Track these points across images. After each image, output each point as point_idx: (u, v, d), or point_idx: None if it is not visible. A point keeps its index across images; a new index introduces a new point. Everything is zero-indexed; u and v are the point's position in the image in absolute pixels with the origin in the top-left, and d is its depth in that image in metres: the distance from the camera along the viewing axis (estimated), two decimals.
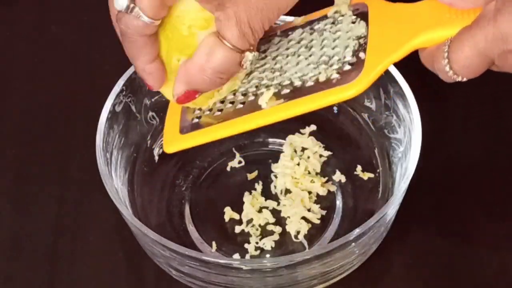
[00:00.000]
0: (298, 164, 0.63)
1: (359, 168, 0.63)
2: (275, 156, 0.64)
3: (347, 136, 0.64)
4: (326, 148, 0.64)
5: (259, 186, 0.62)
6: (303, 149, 0.64)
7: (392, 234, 0.58)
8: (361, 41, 0.50)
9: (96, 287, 0.59)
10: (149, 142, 0.63)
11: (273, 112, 0.50)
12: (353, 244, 0.52)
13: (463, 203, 0.62)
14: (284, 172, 0.62)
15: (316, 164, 0.63)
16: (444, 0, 0.47)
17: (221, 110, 0.52)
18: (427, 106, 0.57)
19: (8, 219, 0.62)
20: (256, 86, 0.52)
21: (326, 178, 0.63)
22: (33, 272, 0.59)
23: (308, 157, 0.63)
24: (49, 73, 0.72)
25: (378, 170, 0.62)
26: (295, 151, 0.64)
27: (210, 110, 0.53)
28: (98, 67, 0.72)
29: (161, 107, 0.61)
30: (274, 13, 0.47)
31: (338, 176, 0.63)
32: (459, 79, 0.47)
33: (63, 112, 0.69)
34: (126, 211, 0.53)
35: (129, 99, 0.60)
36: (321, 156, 0.64)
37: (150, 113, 0.62)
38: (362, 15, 0.51)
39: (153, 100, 0.62)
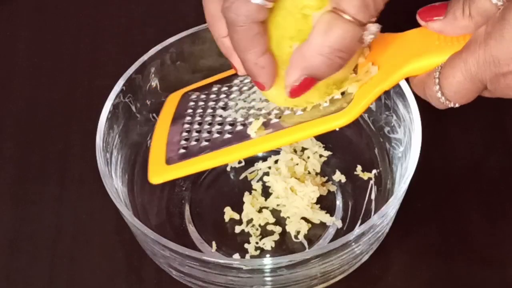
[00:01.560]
0: (298, 164, 0.63)
1: (359, 168, 0.63)
2: (275, 156, 0.64)
3: (347, 136, 0.64)
4: (326, 148, 0.64)
5: (259, 186, 0.62)
6: (303, 149, 0.64)
7: (392, 234, 0.58)
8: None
9: (96, 287, 0.59)
10: (149, 142, 0.62)
11: (262, 141, 0.50)
12: (353, 244, 0.52)
13: (463, 203, 0.62)
14: (284, 172, 0.62)
15: (316, 164, 0.63)
16: (434, 26, 0.47)
17: (208, 140, 0.52)
18: (427, 106, 0.57)
19: (8, 219, 0.62)
20: (244, 116, 0.52)
21: (326, 178, 0.63)
22: (33, 272, 0.59)
23: (308, 157, 0.63)
24: (49, 73, 0.72)
25: (378, 170, 0.62)
26: (295, 151, 0.64)
27: (197, 140, 0.53)
28: (98, 67, 0.72)
29: (161, 107, 0.61)
30: None
31: (338, 176, 0.63)
32: (451, 105, 0.47)
33: (63, 112, 0.69)
34: (126, 211, 0.53)
35: (129, 99, 0.60)
36: (321, 156, 0.64)
37: (150, 113, 0.62)
38: None
39: (153, 100, 0.62)
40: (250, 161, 0.64)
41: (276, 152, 0.64)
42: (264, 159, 0.64)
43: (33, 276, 0.59)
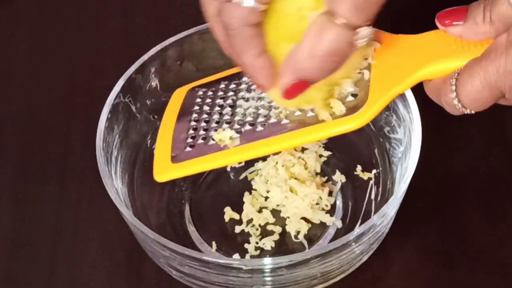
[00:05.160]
0: (298, 165, 0.63)
1: (359, 168, 0.63)
2: (275, 156, 0.64)
3: (347, 136, 0.64)
4: (326, 148, 0.64)
5: (259, 186, 0.62)
6: (303, 149, 0.64)
7: (392, 234, 0.58)
8: (364, 71, 0.49)
9: (96, 287, 0.59)
10: (149, 142, 0.62)
11: (271, 143, 0.49)
12: (353, 244, 0.52)
13: (463, 203, 0.62)
14: (284, 172, 0.62)
15: (316, 164, 0.63)
16: (453, 31, 0.46)
17: (214, 140, 0.52)
18: (427, 106, 0.57)
19: (8, 219, 0.62)
20: (253, 115, 0.52)
21: (326, 178, 0.63)
22: (33, 272, 0.59)
23: (308, 157, 0.63)
24: (49, 73, 0.72)
25: (378, 170, 0.62)
26: (295, 150, 0.64)
27: (204, 139, 0.52)
28: (98, 67, 0.72)
29: (161, 107, 0.61)
30: None
31: (338, 176, 0.63)
32: (467, 111, 0.46)
33: (63, 112, 0.69)
34: (126, 211, 0.53)
35: (129, 99, 0.60)
36: (321, 156, 0.64)
37: (150, 113, 0.62)
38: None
39: (153, 100, 0.62)
40: (250, 161, 0.64)
41: (278, 152, 0.64)
42: (264, 159, 0.64)
43: (33, 276, 0.59)
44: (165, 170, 0.53)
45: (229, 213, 0.61)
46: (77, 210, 0.62)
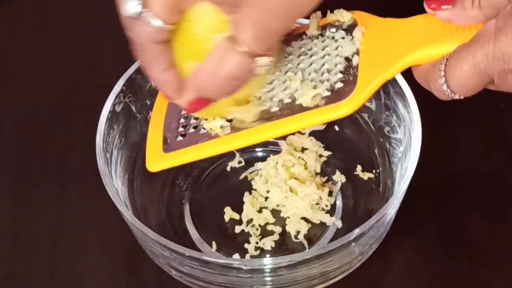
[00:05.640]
0: (297, 165, 0.63)
1: (359, 168, 0.63)
2: (275, 156, 0.64)
3: (347, 136, 0.64)
4: (326, 148, 0.64)
5: (259, 186, 0.62)
6: (303, 149, 0.64)
7: (392, 234, 0.58)
8: (352, 57, 0.49)
9: (96, 287, 0.59)
10: None
11: (262, 130, 0.49)
12: (353, 244, 0.52)
13: (463, 203, 0.62)
14: (284, 172, 0.62)
15: (316, 164, 0.63)
16: (442, 16, 0.46)
17: (205, 128, 0.52)
18: (427, 106, 0.57)
19: (8, 219, 0.62)
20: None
21: (326, 178, 0.63)
22: (33, 272, 0.59)
23: (308, 157, 0.63)
24: (49, 73, 0.72)
25: (378, 170, 0.62)
26: (295, 150, 0.64)
27: (195, 127, 0.52)
28: (98, 67, 0.72)
29: None
30: (293, 16, 0.44)
31: (338, 176, 0.63)
32: (457, 97, 0.46)
33: (63, 112, 0.69)
34: (126, 211, 0.53)
35: (129, 99, 0.60)
36: (321, 156, 0.64)
37: (150, 113, 0.62)
38: (351, 29, 0.50)
39: (153, 100, 0.62)
40: (250, 161, 0.64)
41: (276, 152, 0.64)
42: (263, 159, 0.64)
43: (33, 276, 0.59)
44: (157, 160, 0.53)
45: (229, 213, 0.61)
46: (77, 210, 0.62)
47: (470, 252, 0.59)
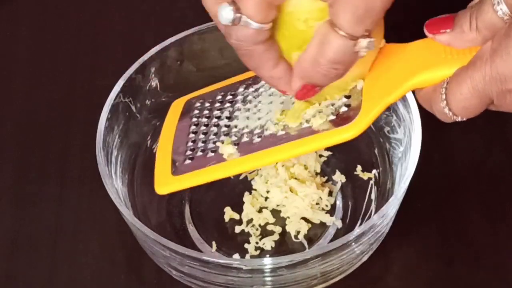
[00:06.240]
0: (295, 165, 0.63)
1: (359, 168, 0.63)
2: None
3: None
4: (326, 148, 0.64)
5: (259, 186, 0.62)
6: None
7: (392, 234, 0.58)
8: (358, 82, 0.50)
9: (96, 287, 0.59)
10: (149, 142, 0.63)
11: (269, 154, 0.50)
12: (353, 244, 0.52)
13: (463, 203, 0.62)
14: (284, 172, 0.62)
15: (316, 164, 0.63)
16: (441, 39, 0.47)
17: (214, 151, 0.53)
18: None
19: (8, 219, 0.62)
20: (250, 127, 0.52)
21: (326, 178, 0.63)
22: (33, 272, 0.59)
23: (308, 157, 0.63)
24: (49, 73, 0.72)
25: (378, 170, 0.62)
26: None
27: (203, 151, 0.53)
28: (98, 67, 0.72)
29: (161, 107, 0.61)
30: None
31: (338, 176, 0.63)
32: (459, 119, 0.46)
33: (63, 112, 0.69)
34: (126, 211, 0.53)
35: (129, 99, 0.60)
36: (321, 156, 0.64)
37: (150, 113, 0.62)
38: None
39: (153, 100, 0.62)
40: None
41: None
42: None
43: (33, 276, 0.59)
44: (166, 183, 0.54)
45: (229, 213, 0.61)
46: (77, 210, 0.62)
47: (470, 252, 0.59)
